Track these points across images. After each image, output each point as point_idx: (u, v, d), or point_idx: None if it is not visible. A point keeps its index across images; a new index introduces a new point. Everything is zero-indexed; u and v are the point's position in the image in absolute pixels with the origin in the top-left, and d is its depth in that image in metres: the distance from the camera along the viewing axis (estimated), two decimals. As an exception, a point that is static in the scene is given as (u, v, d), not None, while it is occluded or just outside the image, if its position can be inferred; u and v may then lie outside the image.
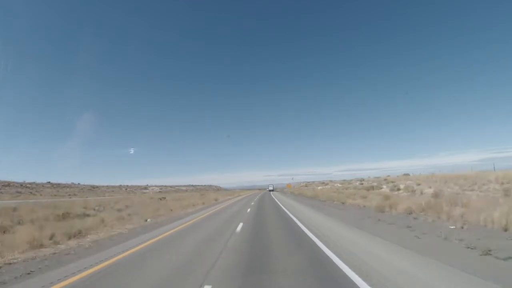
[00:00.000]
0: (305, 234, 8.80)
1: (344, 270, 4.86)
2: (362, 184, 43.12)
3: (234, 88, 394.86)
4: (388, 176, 47.34)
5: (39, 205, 17.27)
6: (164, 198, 36.62)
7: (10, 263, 5.86)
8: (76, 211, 15.21)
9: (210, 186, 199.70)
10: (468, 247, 6.08)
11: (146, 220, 14.18)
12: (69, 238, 8.57)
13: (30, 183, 64.25)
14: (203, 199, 35.05)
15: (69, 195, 56.59)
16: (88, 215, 14.42)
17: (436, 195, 16.05)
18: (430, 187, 21.82)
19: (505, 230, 7.40)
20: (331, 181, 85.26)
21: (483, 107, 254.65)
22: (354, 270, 4.80)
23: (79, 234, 9.08)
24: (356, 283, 4.21)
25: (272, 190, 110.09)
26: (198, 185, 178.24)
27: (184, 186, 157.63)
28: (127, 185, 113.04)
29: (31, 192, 55.58)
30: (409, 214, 11.89)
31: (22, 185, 60.84)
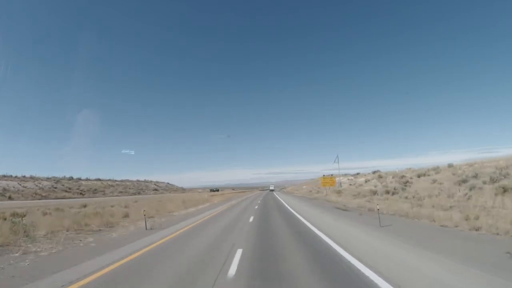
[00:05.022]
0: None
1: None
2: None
3: (226, 86, 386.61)
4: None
5: None
6: None
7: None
8: None
9: (149, 182, 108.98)
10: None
11: None
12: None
13: None
14: None
15: None
16: None
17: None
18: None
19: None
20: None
21: (474, 108, 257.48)
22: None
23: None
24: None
25: (273, 190, 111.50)
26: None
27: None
28: None
29: None
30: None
31: None
